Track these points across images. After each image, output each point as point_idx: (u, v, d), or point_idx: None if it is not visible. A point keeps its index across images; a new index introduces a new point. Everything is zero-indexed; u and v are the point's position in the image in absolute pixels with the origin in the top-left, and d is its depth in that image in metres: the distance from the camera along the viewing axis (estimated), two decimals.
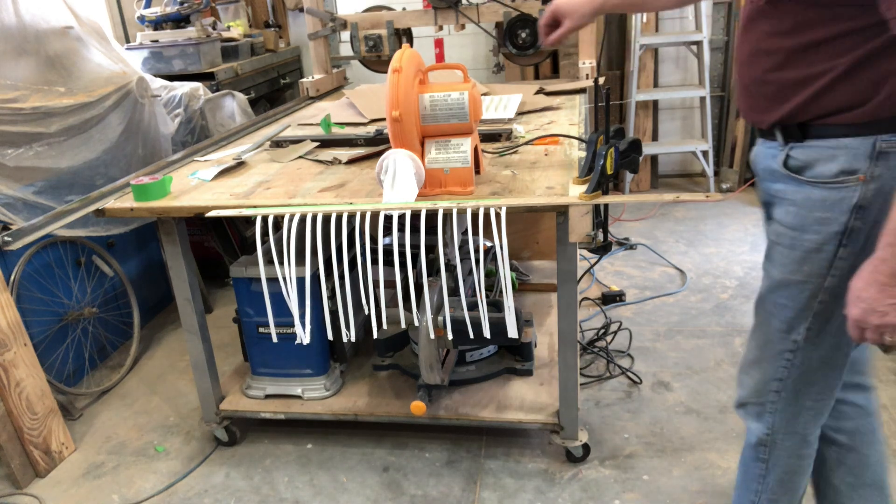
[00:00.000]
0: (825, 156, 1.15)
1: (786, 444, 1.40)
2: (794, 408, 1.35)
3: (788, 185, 1.21)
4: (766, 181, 1.30)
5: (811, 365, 1.30)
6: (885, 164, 1.10)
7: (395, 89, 1.58)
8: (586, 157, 1.61)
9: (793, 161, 1.20)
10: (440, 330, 1.96)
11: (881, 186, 1.11)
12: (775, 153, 1.23)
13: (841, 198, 1.14)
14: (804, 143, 1.18)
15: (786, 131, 1.20)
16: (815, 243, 1.19)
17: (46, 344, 2.48)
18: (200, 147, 2.38)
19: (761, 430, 1.40)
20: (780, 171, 1.23)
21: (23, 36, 2.41)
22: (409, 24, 3.14)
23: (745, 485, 1.50)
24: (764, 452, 1.42)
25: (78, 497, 2.12)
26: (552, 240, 3.04)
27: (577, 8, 1.58)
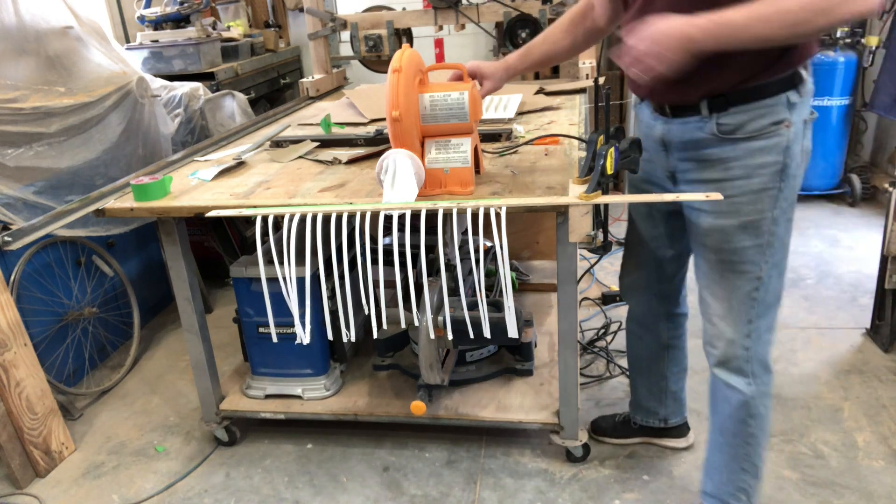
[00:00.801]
0: (755, 115, 1.37)
1: (766, 385, 1.57)
2: (762, 343, 1.54)
3: (724, 147, 1.41)
4: (688, 150, 1.48)
5: (770, 296, 1.51)
6: (795, 112, 1.38)
7: (395, 89, 1.58)
8: (586, 156, 1.61)
9: (725, 126, 1.40)
10: (440, 330, 1.96)
11: (796, 129, 1.39)
12: (701, 125, 1.42)
13: (775, 143, 1.38)
14: (728, 111, 1.38)
15: (711, 103, 1.39)
16: (761, 184, 1.41)
17: (46, 344, 2.48)
18: (200, 147, 2.38)
19: (744, 383, 1.56)
20: (710, 139, 1.42)
21: (23, 36, 2.41)
22: (409, 24, 3.14)
23: (730, 461, 1.65)
24: (752, 408, 1.57)
25: (78, 497, 2.12)
26: (552, 240, 3.04)
27: (493, 72, 1.71)
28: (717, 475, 1.69)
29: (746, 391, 1.56)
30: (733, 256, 1.47)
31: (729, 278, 1.50)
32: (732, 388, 1.57)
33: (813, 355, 2.54)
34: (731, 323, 1.52)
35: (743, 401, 1.57)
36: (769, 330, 1.54)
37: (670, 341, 1.94)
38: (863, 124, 4.04)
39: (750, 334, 1.52)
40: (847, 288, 3.02)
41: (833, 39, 3.65)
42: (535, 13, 2.97)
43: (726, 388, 1.58)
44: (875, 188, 3.89)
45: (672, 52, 1.21)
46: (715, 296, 1.54)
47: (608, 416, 2.21)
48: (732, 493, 1.67)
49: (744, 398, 1.56)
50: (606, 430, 2.16)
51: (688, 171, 1.51)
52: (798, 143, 1.40)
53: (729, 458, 1.65)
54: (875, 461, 2.00)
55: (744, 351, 1.53)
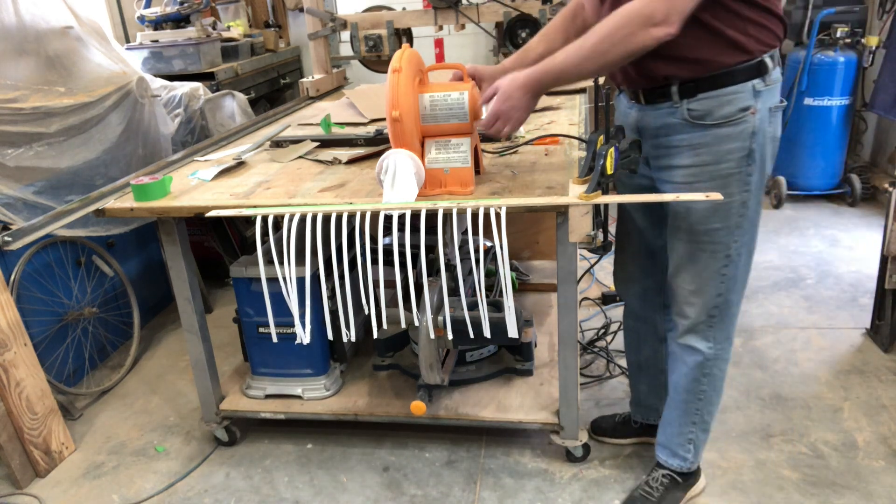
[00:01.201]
0: (722, 102, 1.46)
1: (725, 352, 1.70)
2: (729, 316, 1.66)
3: (694, 133, 1.50)
4: (660, 137, 1.56)
5: (739, 273, 1.61)
6: (760, 99, 1.46)
7: (395, 89, 1.58)
8: (586, 156, 1.61)
9: (694, 112, 1.48)
10: (440, 330, 1.96)
11: (762, 116, 1.47)
12: (672, 111, 1.51)
13: (742, 129, 1.47)
14: (697, 98, 1.47)
15: (681, 89, 1.48)
16: (730, 168, 1.50)
17: (46, 344, 2.48)
18: (200, 147, 2.38)
19: (706, 346, 1.68)
20: (681, 124, 1.51)
21: (23, 36, 2.41)
22: (409, 24, 3.14)
23: (682, 415, 1.79)
24: (707, 368, 1.70)
25: (78, 497, 2.12)
26: (552, 240, 3.04)
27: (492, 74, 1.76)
28: (669, 428, 1.84)
29: (706, 352, 1.69)
30: (704, 237, 1.57)
31: (700, 257, 1.59)
32: (693, 349, 1.70)
33: (813, 355, 2.54)
34: (701, 297, 1.63)
35: (700, 361, 1.70)
36: (737, 303, 1.66)
37: (667, 333, 1.94)
38: (863, 124, 4.04)
39: (718, 306, 1.64)
40: (847, 288, 3.02)
41: (833, 39, 3.65)
42: (535, 13, 2.97)
43: (685, 349, 1.71)
44: (875, 188, 3.89)
45: (521, 101, 1.50)
46: (687, 272, 1.63)
47: (608, 416, 2.21)
48: (681, 443, 1.83)
49: (701, 358, 1.69)
50: (606, 430, 2.16)
51: (660, 156, 1.59)
52: (764, 130, 1.48)
53: (681, 413, 1.79)
54: (875, 461, 2.00)
55: (709, 319, 1.66)
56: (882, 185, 3.76)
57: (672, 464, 1.86)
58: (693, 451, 1.83)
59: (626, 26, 1.33)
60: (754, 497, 1.91)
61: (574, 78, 1.47)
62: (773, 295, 3.00)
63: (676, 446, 1.84)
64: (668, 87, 1.49)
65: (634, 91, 1.58)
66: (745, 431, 2.16)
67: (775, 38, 1.46)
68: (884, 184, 3.58)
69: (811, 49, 3.66)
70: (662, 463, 1.88)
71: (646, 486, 1.88)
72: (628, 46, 1.35)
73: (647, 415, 2.08)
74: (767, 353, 2.57)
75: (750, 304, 2.93)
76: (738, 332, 2.69)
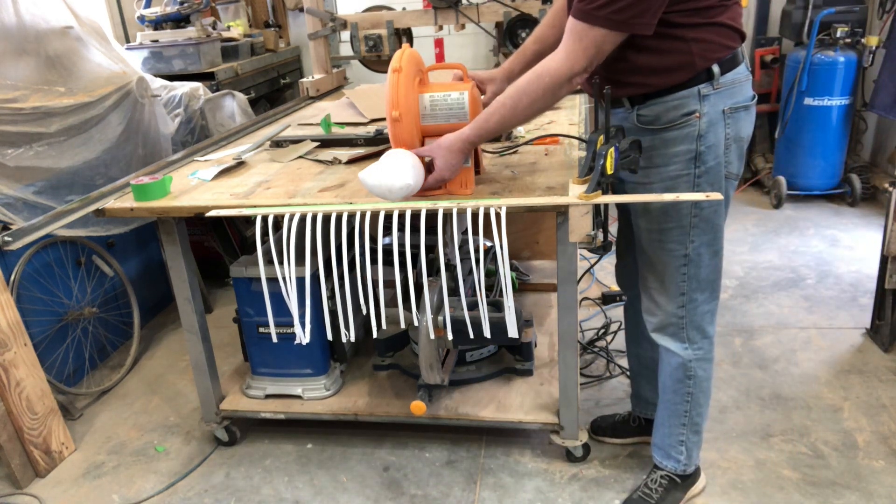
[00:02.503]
0: (668, 108, 1.51)
1: (702, 350, 1.71)
2: (699, 314, 1.67)
3: (644, 137, 1.55)
4: None
5: (700, 271, 1.63)
6: (707, 103, 1.49)
7: (395, 89, 1.58)
8: (586, 156, 1.61)
9: (643, 118, 1.54)
10: (440, 330, 1.96)
11: (710, 119, 1.50)
12: (625, 115, 1.57)
13: (687, 133, 1.51)
14: (646, 104, 1.53)
15: (631, 99, 1.55)
16: (677, 171, 1.54)
17: (46, 344, 2.48)
18: (200, 147, 2.38)
19: (680, 347, 1.70)
20: (633, 128, 1.57)
21: (23, 36, 2.41)
22: (409, 24, 3.14)
23: (671, 416, 1.80)
24: (689, 370, 1.72)
25: (78, 497, 2.12)
26: (552, 240, 3.04)
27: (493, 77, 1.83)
28: (661, 429, 1.86)
29: (683, 355, 1.71)
30: (661, 236, 1.61)
31: (659, 256, 1.64)
32: (670, 351, 1.72)
33: (813, 355, 2.54)
34: (664, 295, 1.67)
35: (680, 363, 1.72)
36: (707, 301, 1.68)
37: None
38: (863, 124, 4.04)
39: (684, 305, 1.66)
40: (847, 288, 3.02)
41: (833, 39, 3.65)
42: (535, 13, 2.97)
43: (665, 352, 1.74)
44: (875, 188, 3.89)
45: (456, 158, 1.59)
46: (649, 271, 1.68)
47: (607, 416, 2.21)
48: (673, 445, 1.84)
49: (681, 360, 1.71)
50: (606, 429, 2.16)
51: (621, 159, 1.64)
52: (716, 132, 1.51)
53: (670, 414, 1.81)
54: (875, 461, 2.00)
55: (678, 319, 1.68)
56: (882, 184, 3.76)
57: (667, 465, 1.87)
58: (686, 453, 1.84)
59: (552, 86, 1.44)
60: (754, 497, 1.91)
61: (506, 128, 1.60)
62: (773, 295, 3.00)
63: (669, 448, 1.85)
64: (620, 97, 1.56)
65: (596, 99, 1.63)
66: (745, 431, 2.16)
67: (724, 48, 1.48)
68: (884, 184, 3.58)
69: (811, 49, 3.66)
70: (658, 464, 1.89)
71: (645, 487, 1.89)
72: (554, 99, 1.49)
73: (646, 409, 2.09)
74: (767, 353, 2.57)
75: (750, 304, 2.93)
76: (738, 332, 2.71)
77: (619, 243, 1.93)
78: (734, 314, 2.86)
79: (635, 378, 2.11)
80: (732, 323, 2.80)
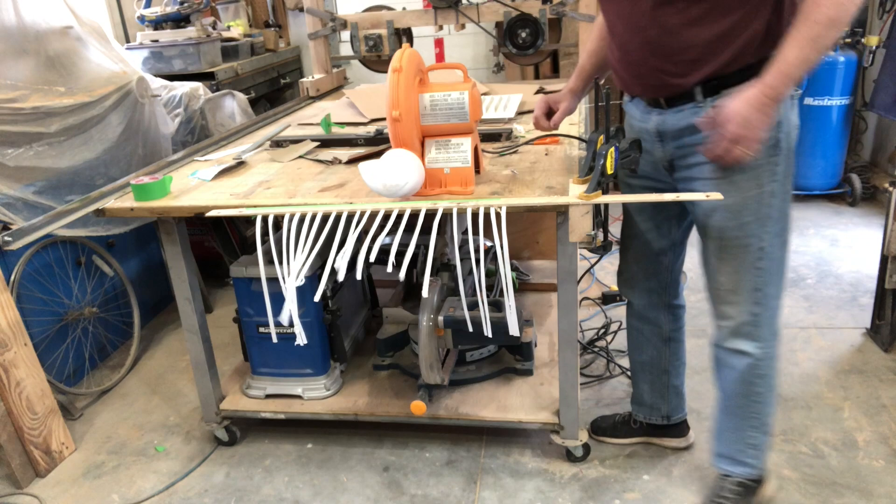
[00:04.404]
0: None
1: (773, 349, 1.65)
2: (772, 310, 1.62)
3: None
4: (685, 137, 1.54)
5: (775, 265, 1.58)
6: None
7: (395, 89, 1.58)
8: (586, 156, 1.61)
9: None
10: (440, 330, 1.96)
11: (784, 106, 1.45)
12: (696, 110, 1.49)
13: None
14: (720, 94, 1.45)
15: (705, 88, 1.46)
16: (757, 160, 1.47)
17: (46, 344, 2.48)
18: (200, 147, 2.38)
19: (754, 347, 1.63)
20: None
21: (23, 36, 2.41)
22: (409, 24, 3.14)
23: (739, 421, 1.72)
24: (759, 369, 1.65)
25: (78, 497, 2.12)
26: (552, 239, 3.04)
27: (564, 96, 1.83)
28: (727, 436, 1.77)
29: (755, 353, 1.63)
30: (737, 232, 1.54)
31: (734, 253, 1.57)
32: (741, 352, 1.64)
33: (813, 355, 2.54)
34: (740, 294, 1.59)
35: (751, 363, 1.64)
36: (777, 296, 1.62)
37: (671, 334, 1.96)
38: (863, 124, 4.04)
39: (759, 302, 1.59)
40: (847, 288, 3.02)
41: None
42: (535, 13, 2.97)
43: (733, 354, 1.65)
44: (875, 188, 3.89)
45: (760, 121, 1.36)
46: (722, 272, 1.60)
47: (608, 416, 2.21)
48: (742, 449, 1.75)
49: (752, 360, 1.63)
50: (606, 430, 2.16)
51: (686, 156, 1.57)
52: (788, 119, 1.47)
53: (738, 419, 1.72)
54: (875, 461, 2.00)
55: (752, 318, 1.60)
56: (882, 184, 3.76)
57: (738, 472, 1.78)
58: (757, 455, 1.75)
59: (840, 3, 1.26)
60: None
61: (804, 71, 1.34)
62: None
63: (738, 453, 1.76)
64: (692, 89, 1.48)
65: (654, 98, 1.57)
66: None
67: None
68: (884, 183, 3.58)
69: None
70: (727, 473, 1.79)
71: (716, 498, 1.80)
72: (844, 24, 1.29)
73: (650, 414, 2.08)
74: None
75: None
76: None
77: (629, 247, 1.89)
78: None
79: (638, 384, 2.07)
80: None
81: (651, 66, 1.50)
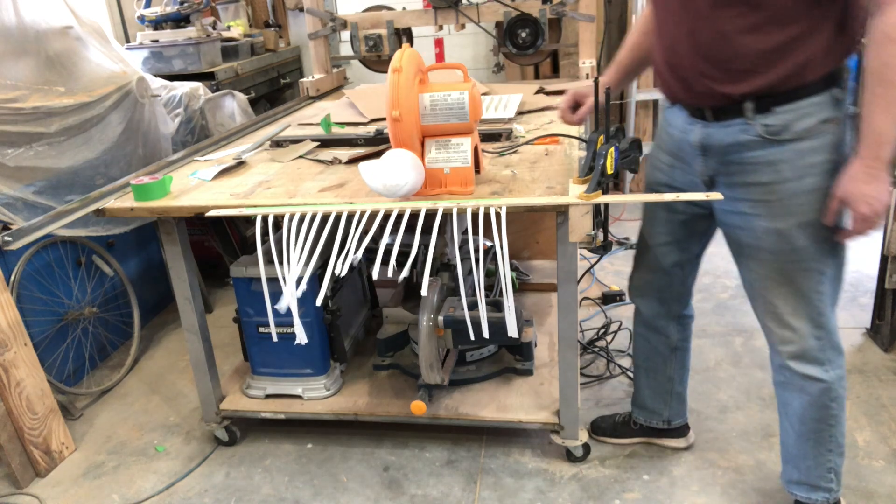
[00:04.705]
0: (801, 115, 1.37)
1: (842, 368, 1.58)
2: (833, 328, 1.56)
3: (771, 149, 1.40)
4: (731, 154, 1.46)
5: (833, 285, 1.52)
6: (840, 109, 1.38)
7: (395, 89, 1.58)
8: (586, 156, 1.61)
9: (771, 128, 1.39)
10: (440, 330, 1.96)
11: (843, 125, 1.39)
12: (744, 126, 1.42)
13: (823, 143, 1.38)
14: (772, 111, 1.38)
15: (757, 104, 1.39)
16: (814, 184, 1.40)
17: (46, 344, 2.48)
18: (200, 147, 2.38)
19: (821, 371, 1.56)
20: (755, 140, 1.41)
21: (23, 36, 2.41)
22: (409, 24, 3.14)
23: (815, 447, 1.65)
24: (833, 392, 1.58)
25: (78, 497, 2.12)
26: (552, 239, 3.04)
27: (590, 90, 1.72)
28: (803, 462, 1.70)
29: (826, 378, 1.57)
30: (794, 256, 1.47)
31: (793, 278, 1.49)
32: (811, 378, 1.58)
33: None
34: (802, 318, 1.53)
35: (824, 388, 1.58)
36: (833, 313, 1.56)
37: (678, 343, 1.94)
38: None
39: (821, 325, 1.53)
40: (847, 288, 3.01)
41: None
42: (535, 13, 2.97)
43: (803, 379, 1.59)
44: None
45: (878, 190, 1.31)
46: (779, 296, 1.53)
47: (608, 416, 2.21)
48: (822, 475, 1.68)
49: (824, 385, 1.57)
50: (606, 430, 2.15)
51: (732, 174, 1.49)
52: (847, 139, 1.40)
53: (814, 444, 1.66)
54: (875, 461, 2.00)
55: (816, 341, 1.55)
56: None
57: (816, 498, 1.71)
58: (835, 478, 1.69)
59: None
60: (754, 497, 1.91)
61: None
62: None
63: (817, 479, 1.69)
64: (741, 102, 1.40)
65: (699, 107, 1.49)
66: (746, 431, 2.16)
67: (854, 43, 1.37)
68: None
69: None
70: (803, 500, 1.73)
71: None
72: None
73: (650, 418, 2.07)
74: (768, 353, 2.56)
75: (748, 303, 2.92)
76: (738, 332, 2.71)
77: (645, 257, 1.84)
78: (734, 314, 2.86)
79: (640, 389, 2.05)
80: (732, 323, 2.79)
81: (699, 70, 1.42)
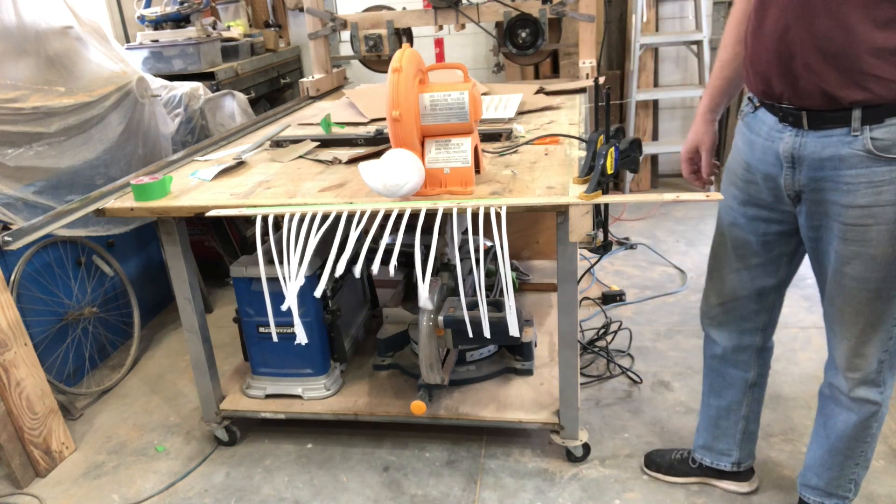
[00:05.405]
0: None
1: (891, 388, 1.53)
2: (893, 351, 1.48)
3: (875, 167, 1.24)
4: (826, 170, 1.31)
5: None
6: None
7: (395, 89, 1.58)
8: (586, 156, 1.61)
9: (880, 143, 1.21)
10: (440, 330, 1.96)
11: None
12: (849, 139, 1.25)
13: None
14: (884, 124, 1.20)
15: (866, 113, 1.21)
16: None
17: (47, 344, 2.48)
18: (200, 147, 2.38)
19: (878, 394, 1.52)
20: (858, 155, 1.24)
21: (23, 36, 2.41)
22: (409, 24, 3.14)
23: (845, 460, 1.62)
24: (881, 413, 1.55)
25: (78, 497, 2.12)
26: (552, 239, 3.04)
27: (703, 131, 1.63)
28: (829, 472, 1.66)
29: (879, 399, 1.53)
30: (882, 284, 1.36)
31: (875, 304, 1.40)
32: (867, 400, 1.53)
33: (813, 355, 2.54)
34: (875, 344, 1.46)
35: (874, 410, 1.54)
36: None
37: (757, 379, 1.79)
38: None
39: (888, 349, 1.47)
40: None
41: None
42: (535, 13, 2.97)
43: (858, 402, 1.53)
44: None
45: None
46: (858, 322, 1.44)
47: (664, 450, 2.05)
48: (843, 484, 1.66)
49: (876, 408, 1.54)
50: (662, 466, 2.00)
51: (824, 190, 1.34)
52: None
53: (845, 457, 1.63)
54: (875, 461, 2.00)
55: (880, 364, 1.49)
56: None
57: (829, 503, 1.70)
58: (854, 488, 1.67)
59: None
60: (754, 496, 1.91)
61: None
62: None
63: (837, 488, 1.67)
64: (848, 110, 1.22)
65: (794, 112, 1.31)
66: None
67: None
68: None
69: None
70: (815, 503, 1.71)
71: None
72: None
73: (718, 460, 1.90)
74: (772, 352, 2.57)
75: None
76: None
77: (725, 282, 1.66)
78: None
79: (709, 428, 1.88)
80: None
81: (808, 65, 1.24)
